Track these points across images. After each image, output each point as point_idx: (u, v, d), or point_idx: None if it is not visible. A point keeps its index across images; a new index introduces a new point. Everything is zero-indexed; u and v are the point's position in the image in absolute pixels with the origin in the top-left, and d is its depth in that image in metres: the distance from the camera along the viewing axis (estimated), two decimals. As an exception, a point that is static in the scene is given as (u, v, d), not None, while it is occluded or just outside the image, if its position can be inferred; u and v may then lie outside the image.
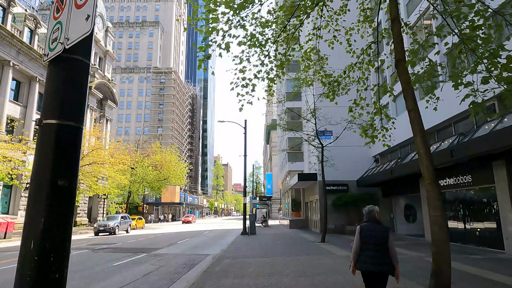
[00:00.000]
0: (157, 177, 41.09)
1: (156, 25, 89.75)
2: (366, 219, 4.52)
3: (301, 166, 31.73)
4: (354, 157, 24.66)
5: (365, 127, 8.20)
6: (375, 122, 8.66)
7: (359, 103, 8.47)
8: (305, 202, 31.69)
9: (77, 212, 39.43)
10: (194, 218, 54.84)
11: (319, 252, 12.77)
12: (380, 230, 4.37)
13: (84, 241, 20.18)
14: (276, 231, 27.70)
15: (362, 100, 8.41)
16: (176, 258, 12.51)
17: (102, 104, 46.93)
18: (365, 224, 4.46)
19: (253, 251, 13.58)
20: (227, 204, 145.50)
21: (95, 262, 11.26)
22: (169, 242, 19.28)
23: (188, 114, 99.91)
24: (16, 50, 30.98)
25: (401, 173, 17.32)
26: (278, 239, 19.80)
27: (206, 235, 25.38)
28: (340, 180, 24.16)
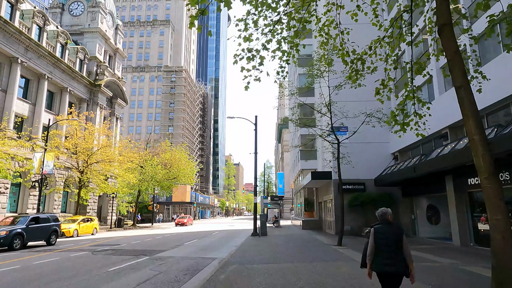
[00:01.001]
0: (167, 176, 40.33)
1: (167, 24, 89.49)
2: (380, 221, 4.62)
3: (314, 164, 30.34)
4: (371, 154, 23.20)
5: (394, 113, 6.87)
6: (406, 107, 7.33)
7: (387, 84, 7.13)
8: (319, 202, 30.30)
9: (86, 211, 39.06)
10: (191, 219, 44.85)
11: (337, 258, 11.48)
12: (394, 231, 4.45)
13: (88, 241, 19.41)
14: (288, 232, 26.45)
15: (391, 81, 7.07)
16: (179, 262, 11.45)
17: (112, 102, 46.58)
18: (378, 226, 4.56)
19: (263, 256, 12.41)
20: (238, 203, 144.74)
21: (91, 267, 10.30)
22: (176, 243, 18.29)
23: (199, 113, 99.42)
24: (25, 47, 30.63)
25: (425, 171, 15.83)
26: (290, 241, 18.56)
27: (215, 236, 24.35)
28: (357, 179, 22.73)
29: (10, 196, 29.49)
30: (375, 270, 4.43)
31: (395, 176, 20.04)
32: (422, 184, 19.34)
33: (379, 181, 22.11)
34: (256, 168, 24.04)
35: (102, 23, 45.25)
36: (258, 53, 5.49)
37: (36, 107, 32.72)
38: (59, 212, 35.35)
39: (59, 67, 35.36)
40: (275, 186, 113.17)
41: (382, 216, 4.61)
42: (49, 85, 34.79)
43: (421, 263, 10.64)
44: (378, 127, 23.01)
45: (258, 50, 5.49)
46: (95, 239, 21.65)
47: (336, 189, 23.06)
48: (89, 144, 28.82)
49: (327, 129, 17.71)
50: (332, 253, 12.89)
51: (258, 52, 5.48)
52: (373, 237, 4.47)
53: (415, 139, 19.37)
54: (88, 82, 40.53)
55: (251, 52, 5.46)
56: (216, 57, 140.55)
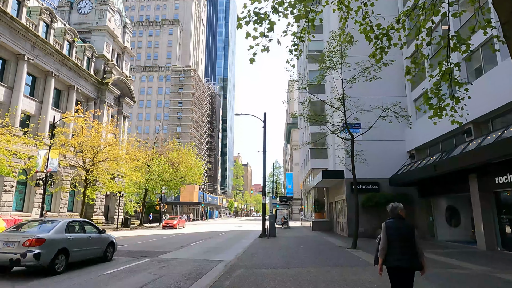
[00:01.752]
0: (174, 175, 39.73)
1: (175, 23, 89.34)
2: (391, 216, 4.58)
3: (325, 163, 29.30)
4: (386, 152, 22.08)
5: (428, 95, 5.88)
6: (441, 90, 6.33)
7: (419, 61, 6.13)
8: (330, 202, 29.23)
9: (93, 210, 38.70)
10: (183, 221, 38.06)
11: (353, 263, 10.51)
12: (406, 226, 4.44)
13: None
14: (298, 234, 25.47)
15: (424, 59, 6.08)
16: (182, 265, 10.63)
17: (120, 101, 46.27)
18: (390, 221, 4.52)
19: (272, 259, 11.50)
20: (246, 204, 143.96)
21: (88, 269, 9.54)
22: (181, 244, 17.52)
23: (207, 113, 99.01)
24: (31, 44, 30.35)
25: (448, 169, 14.70)
26: (300, 243, 17.61)
27: (222, 237, 23.53)
28: (370, 178, 21.64)
29: (16, 194, 29.20)
30: (388, 265, 4.39)
31: (412, 175, 18.91)
32: (441, 183, 18.19)
33: (395, 181, 20.99)
34: (265, 166, 23.16)
35: (110, 21, 44.99)
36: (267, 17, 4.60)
37: (43, 105, 32.45)
38: (66, 211, 35.05)
39: (66, 65, 35.08)
40: (284, 186, 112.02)
41: (393, 210, 4.58)
42: (56, 83, 34.51)
43: (447, 269, 9.60)
44: (393, 124, 21.90)
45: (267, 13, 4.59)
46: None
47: (348, 188, 22.01)
48: (95, 142, 28.32)
49: (340, 125, 16.71)
50: (347, 257, 11.90)
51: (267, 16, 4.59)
52: (385, 232, 4.43)
53: (434, 135, 18.24)
54: (96, 81, 40.23)
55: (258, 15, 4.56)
56: (224, 57, 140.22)
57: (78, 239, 9.96)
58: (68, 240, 9.38)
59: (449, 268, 9.78)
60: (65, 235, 9.40)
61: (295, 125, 77.95)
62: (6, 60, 28.83)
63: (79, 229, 10.53)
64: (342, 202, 23.89)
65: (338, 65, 15.86)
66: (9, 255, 8.06)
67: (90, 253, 10.51)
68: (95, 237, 10.91)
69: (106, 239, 11.46)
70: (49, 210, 33.58)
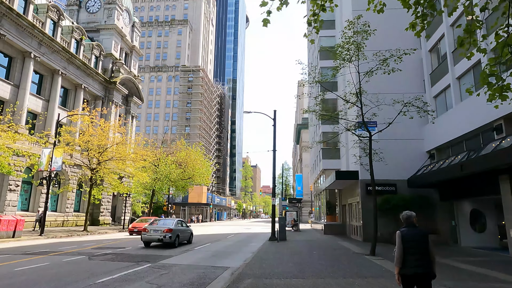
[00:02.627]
0: (182, 175, 38.90)
1: (184, 23, 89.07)
2: (405, 224, 4.73)
3: (338, 164, 28.06)
4: (403, 152, 20.77)
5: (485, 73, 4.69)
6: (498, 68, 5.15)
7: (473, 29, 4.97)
8: (342, 204, 27.95)
9: (100, 210, 38.17)
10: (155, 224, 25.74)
11: (377, 273, 9.34)
12: (420, 234, 4.55)
13: (93, 243, 17.97)
14: (309, 237, 24.29)
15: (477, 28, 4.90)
16: (184, 272, 9.64)
17: (128, 100, 45.82)
18: (404, 229, 4.66)
19: (283, 266, 10.42)
20: (255, 206, 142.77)
21: (78, 276, 8.63)
22: (185, 248, 16.57)
23: (216, 113, 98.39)
24: (38, 42, 29.96)
25: (477, 169, 13.39)
26: (313, 248, 16.46)
27: (229, 240, 22.51)
28: (387, 179, 20.35)
29: (22, 194, 28.75)
30: (405, 273, 4.45)
31: (433, 176, 17.59)
32: (465, 185, 16.83)
33: (413, 182, 19.66)
34: (274, 165, 22.08)
35: (119, 20, 44.62)
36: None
37: (49, 103, 32.05)
38: (72, 212, 34.55)
39: (73, 63, 34.66)
40: (293, 188, 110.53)
41: (407, 219, 4.72)
42: (63, 82, 34.12)
43: (485, 283, 8.36)
44: (411, 122, 20.60)
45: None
46: (102, 240, 20.24)
47: (363, 190, 20.77)
48: (101, 141, 27.66)
49: (355, 121, 15.54)
50: (368, 265, 10.72)
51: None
52: (400, 240, 4.54)
53: (458, 133, 16.91)
54: (103, 79, 39.78)
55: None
56: (234, 58, 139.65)
57: (182, 229, 18.14)
58: (179, 229, 17.53)
59: (488, 282, 8.54)
60: (178, 227, 17.65)
61: (305, 126, 76.59)
62: (13, 57, 28.46)
63: (181, 224, 18.66)
64: (356, 204, 22.63)
65: (355, 57, 14.73)
66: (157, 236, 16.32)
67: (185, 238, 18.55)
68: (186, 229, 19.15)
69: (190, 230, 19.75)
70: (55, 210, 33.14)
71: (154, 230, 16.56)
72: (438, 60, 20.28)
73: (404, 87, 20.49)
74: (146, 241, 16.71)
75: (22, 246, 15.94)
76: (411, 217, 4.68)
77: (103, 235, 26.04)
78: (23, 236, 20.74)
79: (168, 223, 17.41)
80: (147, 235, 16.59)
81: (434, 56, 20.81)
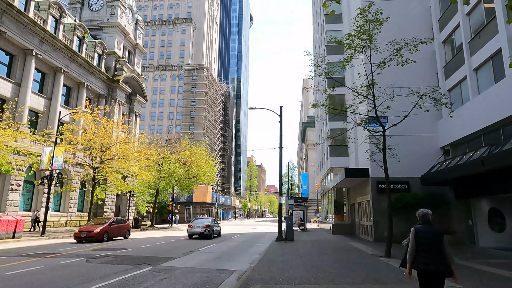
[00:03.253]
0: (186, 174, 38.26)
1: (188, 22, 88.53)
2: (421, 221, 4.76)
3: (346, 162, 27.21)
4: (416, 148, 19.87)
5: None
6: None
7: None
8: (351, 203, 27.09)
9: (103, 210, 37.71)
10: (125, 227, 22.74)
11: (396, 278, 8.53)
12: (434, 231, 4.57)
13: (96, 244, 17.36)
14: (318, 237, 23.49)
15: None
16: (187, 276, 8.93)
17: (131, 99, 45.32)
18: (419, 226, 4.70)
19: (294, 270, 9.67)
20: (260, 205, 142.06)
21: (72, 281, 7.97)
22: (189, 248, 15.86)
23: (220, 112, 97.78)
24: (39, 39, 29.49)
25: (501, 165, 12.48)
26: (323, 249, 15.67)
27: (235, 240, 21.80)
28: (399, 177, 19.45)
29: (24, 194, 28.31)
30: (416, 269, 4.53)
31: (449, 173, 16.69)
32: (483, 183, 15.92)
33: (427, 180, 18.76)
34: (281, 163, 21.30)
35: (121, 18, 44.11)
36: None
37: (51, 102, 31.59)
38: (75, 211, 34.11)
39: (76, 61, 34.19)
40: (298, 188, 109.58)
41: (423, 216, 4.76)
42: (66, 80, 33.66)
43: None
44: (424, 117, 19.71)
45: None
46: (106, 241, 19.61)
47: (374, 188, 19.92)
48: (103, 139, 27.10)
49: (367, 115, 14.71)
50: (386, 269, 9.91)
51: None
52: (414, 236, 4.60)
53: (475, 128, 16.00)
54: (106, 78, 39.30)
55: None
56: (238, 57, 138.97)
57: (214, 225, 23.46)
58: (213, 225, 22.88)
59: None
60: (212, 223, 23.01)
61: (310, 124, 75.65)
62: (14, 55, 28.02)
63: (214, 222, 24.21)
64: (367, 203, 21.78)
65: (366, 47, 13.91)
66: (199, 230, 21.68)
67: (216, 232, 23.77)
68: (217, 225, 24.73)
69: (220, 226, 25.55)
70: (58, 210, 32.70)
71: (197, 226, 22.11)
72: (452, 51, 19.35)
73: (416, 81, 19.55)
74: (190, 234, 22.15)
75: (20, 247, 15.37)
76: (427, 215, 4.72)
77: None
78: (23, 236, 20.24)
79: (206, 221, 23.07)
80: (191, 229, 22.12)
81: (448, 47, 19.88)
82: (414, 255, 4.54)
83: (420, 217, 4.79)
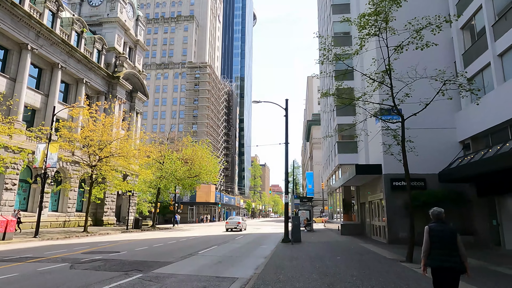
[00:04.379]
0: (188, 173, 37.00)
1: (191, 19, 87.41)
2: (434, 220, 4.95)
3: (355, 158, 25.81)
4: (433, 142, 18.43)
5: None
6: None
7: None
8: (361, 202, 25.68)
9: (103, 210, 36.64)
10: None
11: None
12: (448, 229, 4.75)
13: (87, 246, 16.17)
14: (326, 238, 22.14)
15: None
16: (181, 285, 7.67)
17: (132, 96, 44.26)
18: (433, 224, 4.89)
19: (306, 278, 8.35)
20: (264, 205, 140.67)
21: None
22: (187, 251, 14.60)
23: (224, 111, 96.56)
24: (35, 33, 28.45)
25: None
26: (335, 252, 14.32)
27: (238, 242, 20.50)
28: (415, 174, 17.95)
29: (20, 193, 27.29)
30: (431, 265, 4.69)
31: (472, 168, 15.26)
32: (508, 179, 14.48)
33: (446, 176, 17.32)
34: (287, 159, 19.97)
35: (122, 13, 43.04)
36: None
37: (49, 98, 30.54)
38: (74, 211, 33.05)
39: (74, 56, 33.13)
40: (303, 187, 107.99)
41: (437, 215, 4.94)
42: (64, 76, 32.62)
43: None
44: (442, 109, 18.32)
45: None
46: (99, 242, 18.45)
47: (388, 186, 18.52)
48: (102, 136, 25.95)
49: (382, 103, 13.32)
50: (412, 277, 8.53)
51: None
52: (428, 234, 4.77)
53: (501, 119, 14.56)
54: (106, 74, 38.22)
55: None
56: (241, 55, 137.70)
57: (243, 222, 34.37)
58: (243, 222, 33.83)
59: None
60: (242, 221, 33.54)
61: (316, 122, 74.12)
62: (9, 49, 26.98)
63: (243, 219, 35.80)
64: (379, 202, 20.38)
65: (382, 29, 12.56)
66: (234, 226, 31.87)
67: (244, 226, 33.06)
68: (245, 222, 35.45)
69: (246, 223, 35.54)
70: (56, 210, 31.66)
71: (231, 222, 32.23)
72: (472, 38, 17.89)
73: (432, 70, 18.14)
74: (227, 228, 31.77)
75: (6, 250, 14.20)
76: (440, 213, 4.92)
77: (104, 236, 24.33)
78: (15, 238, 19.12)
79: (237, 219, 33.84)
80: (228, 225, 31.93)
81: (467, 34, 18.41)
82: (428, 253, 4.70)
83: (434, 216, 4.97)
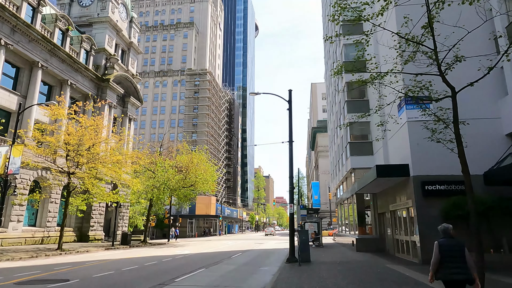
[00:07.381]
0: (182, 182, 33.45)
1: (190, 26, 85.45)
2: (443, 235, 5.25)
3: (370, 161, 22.25)
4: (473, 137, 14.75)
5: None
6: None
7: None
8: (379, 213, 21.96)
9: (90, 224, 33.11)
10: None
11: None
12: (457, 244, 5.09)
13: (39, 270, 12.67)
14: (340, 257, 18.42)
15: None
16: None
17: (125, 101, 41.28)
18: (442, 239, 5.20)
19: None
20: (269, 217, 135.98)
21: None
22: (164, 278, 11.03)
23: (225, 119, 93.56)
24: (10, 27, 25.65)
25: None
26: (359, 279, 10.69)
27: (233, 262, 16.85)
28: (451, 175, 14.47)
29: (28, 208, 24.14)
30: (443, 279, 5.03)
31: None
32: None
33: (495, 177, 13.76)
34: (291, 160, 16.48)
35: (114, 13, 40.49)
36: None
37: (27, 100, 27.48)
38: (55, 226, 29.54)
39: (57, 55, 30.28)
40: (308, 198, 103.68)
41: (445, 231, 5.27)
42: (45, 76, 29.70)
43: None
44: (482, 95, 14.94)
45: None
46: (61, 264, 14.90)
47: (418, 190, 14.93)
48: (79, 140, 22.75)
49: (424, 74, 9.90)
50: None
51: None
52: (438, 250, 5.09)
53: None
54: (95, 76, 35.32)
55: None
56: (243, 65, 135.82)
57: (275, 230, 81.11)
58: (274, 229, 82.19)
59: None
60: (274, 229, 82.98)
61: (321, 130, 70.64)
62: (-22, 44, 24.19)
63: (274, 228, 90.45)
64: (406, 211, 16.71)
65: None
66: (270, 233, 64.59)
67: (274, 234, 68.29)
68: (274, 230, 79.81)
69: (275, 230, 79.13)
70: (34, 225, 28.17)
71: (268, 231, 62.99)
72: (517, 7, 14.59)
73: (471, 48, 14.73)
74: (266, 234, 59.26)
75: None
76: (448, 229, 5.25)
77: (80, 254, 20.80)
78: None
79: (270, 230, 65.06)
80: (265, 233, 61.46)
81: (510, 2, 15.11)
82: (437, 266, 5.04)
83: (442, 231, 5.27)
